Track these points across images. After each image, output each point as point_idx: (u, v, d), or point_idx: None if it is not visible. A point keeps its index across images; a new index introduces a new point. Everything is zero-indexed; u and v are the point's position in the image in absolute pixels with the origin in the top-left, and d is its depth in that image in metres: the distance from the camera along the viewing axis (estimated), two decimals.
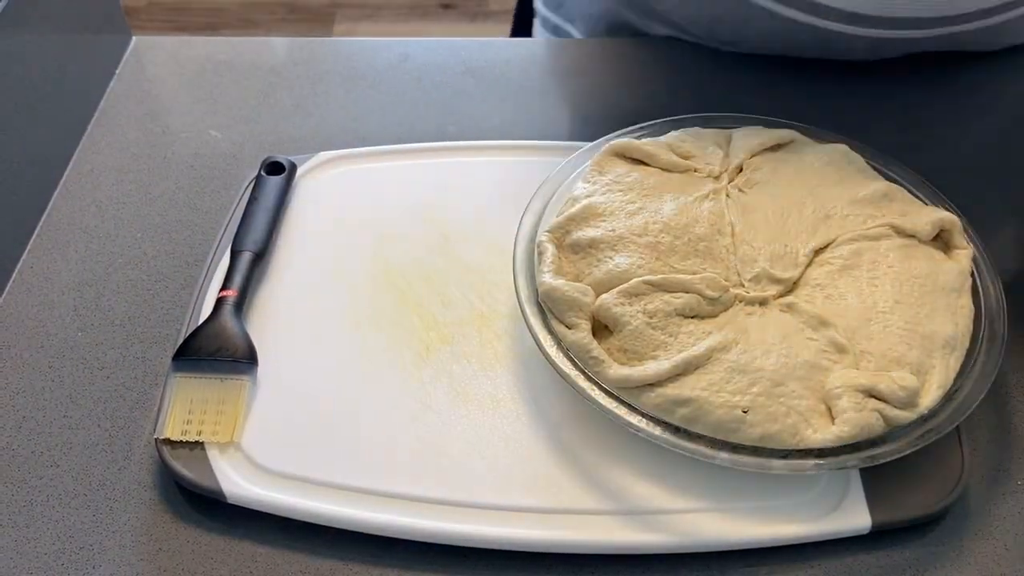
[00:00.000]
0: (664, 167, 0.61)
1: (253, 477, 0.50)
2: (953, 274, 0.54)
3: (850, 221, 0.57)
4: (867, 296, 0.53)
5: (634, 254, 0.55)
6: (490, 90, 0.77)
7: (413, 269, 0.61)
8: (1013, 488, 0.52)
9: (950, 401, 0.50)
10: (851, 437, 0.47)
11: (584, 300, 0.53)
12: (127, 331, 0.60)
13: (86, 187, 0.69)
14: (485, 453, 0.52)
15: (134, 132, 0.74)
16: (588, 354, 0.51)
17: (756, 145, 0.61)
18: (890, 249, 0.55)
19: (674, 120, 0.65)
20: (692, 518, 0.49)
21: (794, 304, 0.53)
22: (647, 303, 0.52)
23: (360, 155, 0.69)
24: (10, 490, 0.52)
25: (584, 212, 0.57)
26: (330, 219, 0.65)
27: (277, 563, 0.49)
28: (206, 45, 0.81)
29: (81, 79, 0.75)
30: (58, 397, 0.56)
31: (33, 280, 0.63)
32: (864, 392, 0.48)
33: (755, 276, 0.54)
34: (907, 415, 0.48)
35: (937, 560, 0.49)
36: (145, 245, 0.65)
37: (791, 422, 0.48)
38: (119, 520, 0.51)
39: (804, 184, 0.59)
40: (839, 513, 0.49)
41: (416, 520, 0.49)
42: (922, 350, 0.51)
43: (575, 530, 0.49)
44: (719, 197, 0.58)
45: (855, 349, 0.50)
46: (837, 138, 0.63)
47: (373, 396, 0.54)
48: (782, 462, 0.48)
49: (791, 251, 0.55)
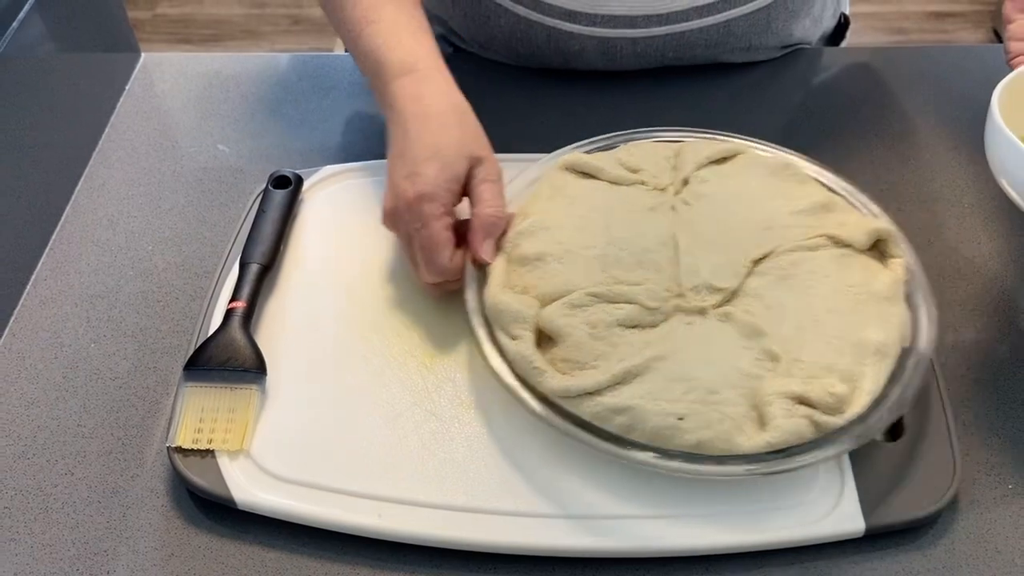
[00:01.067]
0: (612, 180, 0.62)
1: (262, 483, 0.52)
2: (887, 283, 0.56)
3: (790, 232, 0.58)
4: (803, 305, 0.54)
5: (580, 266, 0.56)
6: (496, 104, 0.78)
7: (417, 280, 0.62)
8: (1004, 493, 0.53)
9: (880, 405, 0.51)
10: (781, 443, 0.49)
11: (528, 312, 0.54)
12: (139, 342, 0.61)
13: (98, 201, 0.71)
14: (487, 460, 0.53)
15: (144, 147, 0.75)
16: (530, 364, 0.52)
17: (703, 158, 0.63)
18: (827, 259, 0.56)
19: (627, 134, 0.66)
20: (684, 523, 0.50)
21: (731, 314, 0.54)
22: (590, 314, 0.53)
23: (366, 169, 0.70)
24: (27, 497, 0.54)
25: (532, 226, 0.59)
26: (336, 231, 0.66)
27: (286, 567, 0.50)
28: (213, 61, 0.83)
29: (92, 96, 0.77)
30: (72, 407, 0.58)
31: (47, 292, 0.64)
32: (795, 399, 0.49)
33: (696, 286, 0.55)
34: (837, 421, 0.49)
35: (929, 563, 0.50)
36: (155, 258, 0.67)
37: (724, 429, 0.49)
38: (133, 526, 0.52)
39: (747, 196, 0.61)
40: (833, 517, 0.50)
41: (423, 526, 0.50)
42: (853, 357, 0.52)
43: (603, 536, 0.50)
44: (664, 210, 0.60)
45: (788, 357, 0.52)
46: (782, 150, 0.64)
47: (378, 404, 0.56)
48: (715, 467, 0.49)
49: (732, 262, 0.56)
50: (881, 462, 0.52)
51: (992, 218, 0.69)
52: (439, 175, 0.57)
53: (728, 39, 0.78)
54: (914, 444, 0.53)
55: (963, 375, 0.58)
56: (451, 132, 0.59)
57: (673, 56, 0.78)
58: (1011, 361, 0.59)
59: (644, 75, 0.80)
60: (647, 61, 0.78)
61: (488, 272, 0.57)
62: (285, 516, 0.51)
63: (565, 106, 0.78)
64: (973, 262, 0.65)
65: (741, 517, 0.50)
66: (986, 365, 0.59)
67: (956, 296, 0.63)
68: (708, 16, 0.74)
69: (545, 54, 0.78)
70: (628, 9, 0.73)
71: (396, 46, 0.62)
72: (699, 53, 0.78)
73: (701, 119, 0.68)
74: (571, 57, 0.78)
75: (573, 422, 0.51)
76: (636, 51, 0.77)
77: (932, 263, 0.64)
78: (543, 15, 0.74)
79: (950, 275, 0.65)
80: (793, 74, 0.81)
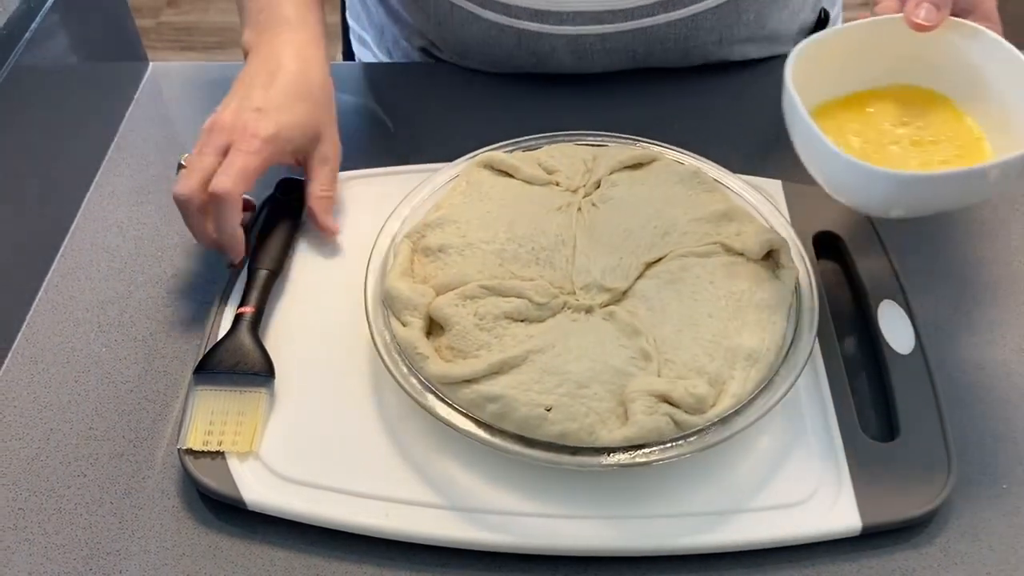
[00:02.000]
0: (527, 180, 0.64)
1: (271, 484, 0.53)
2: (771, 292, 0.57)
3: (687, 238, 0.60)
4: (685, 309, 0.56)
5: (478, 260, 0.58)
6: (506, 107, 0.79)
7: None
8: (998, 492, 0.54)
9: (745, 410, 0.52)
10: (639, 438, 0.50)
11: (420, 300, 0.56)
12: (149, 347, 0.62)
13: (107, 209, 0.72)
14: (493, 460, 0.54)
15: (153, 155, 0.77)
16: (415, 350, 0.54)
17: (616, 163, 0.64)
18: (716, 266, 0.58)
19: (551, 136, 0.68)
20: (682, 523, 0.51)
21: (615, 313, 0.56)
22: (479, 306, 0.55)
23: (372, 175, 0.71)
24: (40, 499, 0.55)
25: (440, 219, 0.61)
26: (343, 237, 0.67)
27: (294, 566, 0.51)
28: (221, 70, 0.84)
29: (101, 105, 0.78)
30: (84, 410, 0.59)
31: (58, 299, 0.66)
32: (658, 397, 0.51)
33: (587, 285, 0.57)
34: (697, 420, 0.51)
35: (925, 561, 0.51)
36: (164, 264, 0.68)
37: (589, 422, 0.51)
38: (144, 526, 0.53)
39: (653, 201, 0.62)
40: (830, 516, 0.51)
41: (429, 526, 0.51)
42: (724, 361, 0.53)
43: (607, 534, 0.51)
44: (570, 210, 0.62)
45: (660, 358, 0.53)
46: (699, 159, 0.66)
47: (384, 406, 0.57)
48: (573, 458, 0.50)
49: (624, 264, 0.58)
50: (877, 462, 0.53)
51: (981, 217, 0.70)
52: (288, 131, 0.63)
53: (697, 33, 0.78)
54: (910, 444, 0.54)
55: (957, 376, 0.59)
56: (312, 99, 0.65)
57: (644, 52, 0.79)
58: (1004, 361, 0.60)
59: (619, 78, 0.81)
60: (618, 59, 0.79)
61: (392, 259, 0.59)
62: (293, 516, 0.52)
63: (541, 110, 0.79)
64: (965, 262, 0.66)
65: (738, 516, 0.51)
66: (979, 366, 0.60)
67: (948, 296, 0.64)
68: (674, 10, 0.76)
69: (518, 57, 0.79)
70: (593, 4, 0.74)
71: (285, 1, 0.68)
72: (670, 47, 0.79)
73: (666, 123, 0.68)
74: (543, 58, 0.79)
75: (454, 409, 0.53)
76: (606, 48, 0.78)
77: (921, 264, 0.66)
78: (512, 18, 0.76)
79: (941, 275, 0.66)
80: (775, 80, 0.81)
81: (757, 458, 0.54)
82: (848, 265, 0.65)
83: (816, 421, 0.55)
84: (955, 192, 0.52)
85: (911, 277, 0.63)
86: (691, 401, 0.51)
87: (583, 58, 0.79)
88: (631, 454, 0.50)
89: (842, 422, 0.55)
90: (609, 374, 0.52)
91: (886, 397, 0.57)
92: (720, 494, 0.52)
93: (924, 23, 0.55)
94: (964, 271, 0.66)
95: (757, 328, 0.55)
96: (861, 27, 0.58)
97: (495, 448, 0.51)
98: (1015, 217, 0.70)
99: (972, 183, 0.51)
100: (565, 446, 0.51)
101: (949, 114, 0.58)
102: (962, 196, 0.54)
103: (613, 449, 0.50)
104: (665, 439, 0.50)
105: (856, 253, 0.65)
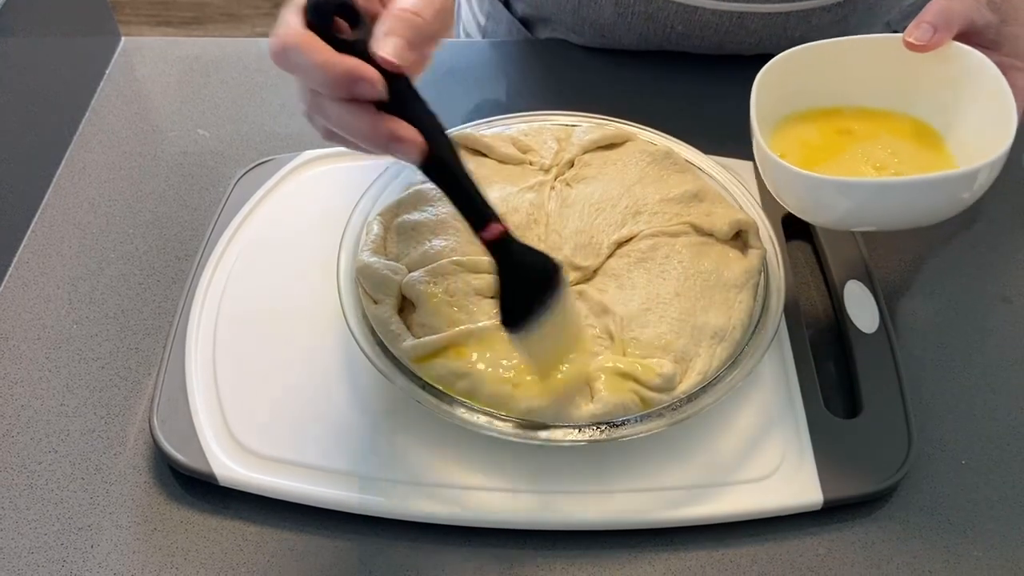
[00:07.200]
0: (500, 159, 0.64)
1: (242, 461, 0.53)
2: (739, 272, 0.58)
3: (657, 218, 0.60)
4: (653, 287, 0.56)
5: (451, 238, 0.58)
6: (471, 89, 0.79)
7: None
8: (957, 467, 0.55)
9: (711, 387, 0.53)
10: (605, 415, 0.51)
11: (393, 278, 0.56)
12: (120, 323, 0.62)
13: (79, 185, 0.72)
14: (464, 436, 0.55)
15: (124, 131, 0.76)
16: (387, 327, 0.54)
17: (588, 143, 0.65)
18: (685, 246, 0.59)
19: (523, 116, 0.68)
20: (646, 497, 0.52)
21: (584, 291, 0.56)
22: (451, 283, 0.56)
23: (344, 154, 0.71)
24: (11, 475, 0.55)
25: (413, 197, 0.61)
26: (314, 215, 0.67)
27: (266, 541, 0.52)
28: (194, 45, 0.84)
29: (72, 80, 0.77)
30: (55, 387, 0.59)
31: (29, 275, 0.65)
32: (623, 376, 0.52)
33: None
34: (662, 397, 0.52)
35: (885, 534, 0.52)
36: (136, 240, 0.68)
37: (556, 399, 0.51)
38: (116, 502, 0.54)
39: (624, 181, 0.62)
40: (793, 491, 0.52)
41: (399, 501, 0.52)
42: (690, 339, 0.54)
43: (567, 510, 0.52)
44: (543, 189, 0.62)
45: (626, 336, 0.54)
46: (672, 140, 0.66)
47: (354, 383, 0.57)
48: (544, 433, 0.51)
49: (595, 242, 0.59)
50: (839, 438, 0.54)
51: None
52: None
53: (851, 15, 0.76)
54: (871, 421, 0.55)
55: (919, 355, 0.61)
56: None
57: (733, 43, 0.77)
58: (965, 342, 0.62)
59: (591, 58, 0.80)
60: (755, 48, 0.77)
61: (365, 237, 0.59)
62: (265, 492, 0.52)
63: (518, 87, 0.78)
64: (930, 245, 0.68)
65: (702, 491, 0.52)
66: (941, 346, 0.61)
67: (912, 278, 0.65)
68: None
69: (666, 34, 0.77)
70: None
71: None
72: (759, 40, 0.77)
73: (641, 104, 0.68)
74: (691, 41, 0.77)
75: (424, 387, 0.53)
76: (755, 38, 0.76)
77: (887, 246, 0.67)
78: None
79: (905, 256, 0.67)
80: (753, 62, 0.82)
81: (722, 435, 0.55)
82: (816, 246, 0.66)
83: (781, 398, 0.56)
84: (911, 202, 0.52)
85: (877, 259, 0.64)
86: (657, 381, 0.52)
87: (727, 46, 0.77)
88: (598, 430, 0.51)
89: (806, 399, 0.56)
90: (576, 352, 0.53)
91: (850, 375, 0.58)
92: (685, 470, 0.53)
93: (915, 42, 0.55)
94: (928, 252, 0.67)
95: (724, 307, 0.56)
96: (854, 42, 0.59)
97: (465, 424, 0.52)
98: (979, 200, 0.71)
99: (925, 192, 0.52)
100: (534, 423, 0.51)
101: (925, 142, 0.59)
102: (926, 208, 0.53)
103: (582, 426, 0.51)
104: (631, 416, 0.51)
105: (824, 234, 0.65)
